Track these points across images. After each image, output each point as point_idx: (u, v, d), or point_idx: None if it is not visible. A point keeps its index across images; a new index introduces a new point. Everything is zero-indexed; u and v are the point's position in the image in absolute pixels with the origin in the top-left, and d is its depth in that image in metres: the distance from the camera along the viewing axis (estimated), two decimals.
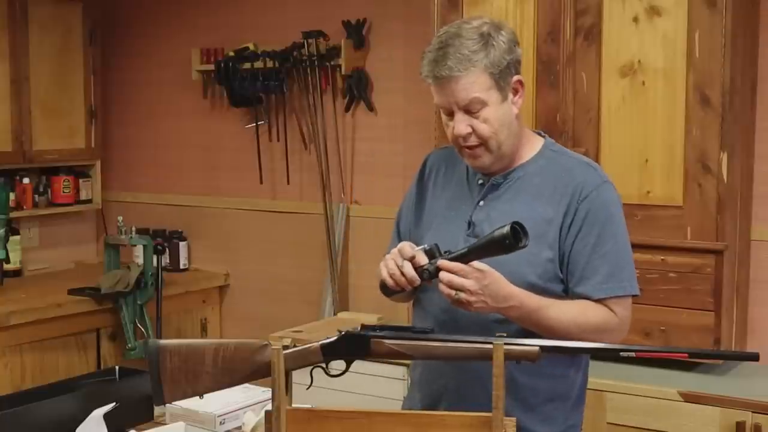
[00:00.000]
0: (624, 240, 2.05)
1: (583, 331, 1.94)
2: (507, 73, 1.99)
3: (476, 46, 1.95)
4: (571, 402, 2.09)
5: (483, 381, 1.97)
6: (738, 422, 2.86)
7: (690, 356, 1.81)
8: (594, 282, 1.98)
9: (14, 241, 4.62)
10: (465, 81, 1.95)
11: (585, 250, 1.99)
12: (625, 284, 2.02)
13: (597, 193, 2.01)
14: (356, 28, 4.29)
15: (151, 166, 5.13)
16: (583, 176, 2.03)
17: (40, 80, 4.64)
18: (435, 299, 2.01)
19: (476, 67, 1.94)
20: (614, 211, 2.04)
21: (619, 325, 2.01)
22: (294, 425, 1.72)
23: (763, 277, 3.42)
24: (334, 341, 1.83)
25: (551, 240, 1.99)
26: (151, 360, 1.83)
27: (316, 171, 4.46)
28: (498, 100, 1.98)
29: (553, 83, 3.27)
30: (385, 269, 1.94)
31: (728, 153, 3.05)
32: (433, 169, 2.20)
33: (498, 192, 2.06)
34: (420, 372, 2.15)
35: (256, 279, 4.76)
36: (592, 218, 1.99)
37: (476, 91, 1.95)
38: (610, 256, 2.00)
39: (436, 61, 1.96)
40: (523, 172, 2.07)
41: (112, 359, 4.29)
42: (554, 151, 2.11)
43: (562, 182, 2.03)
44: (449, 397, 2.04)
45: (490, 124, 1.98)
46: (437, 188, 2.17)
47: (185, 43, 4.82)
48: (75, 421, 2.40)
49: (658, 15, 3.10)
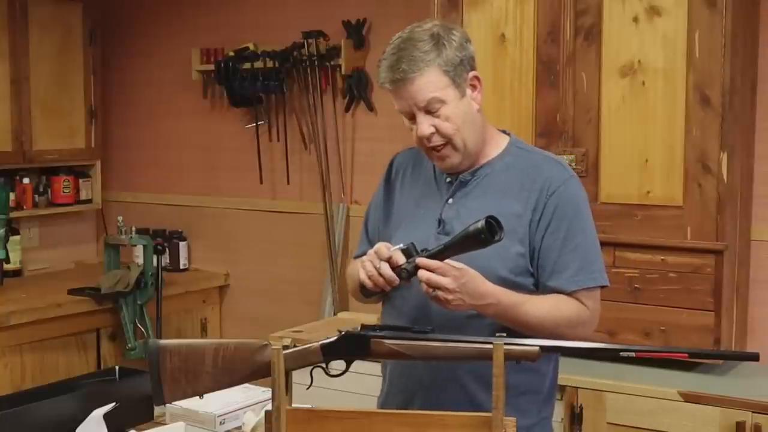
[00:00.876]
0: (592, 233, 2.08)
1: (558, 325, 1.99)
2: (461, 69, 2.02)
3: (428, 47, 1.99)
4: (543, 395, 2.12)
5: (457, 378, 2.02)
6: (738, 422, 2.86)
7: (690, 356, 1.81)
8: (566, 275, 2.02)
9: (14, 241, 4.62)
10: (420, 81, 1.98)
11: (555, 244, 2.02)
12: (596, 275, 2.05)
13: (565, 187, 2.05)
14: (356, 28, 4.29)
15: (151, 166, 5.13)
16: (550, 171, 2.07)
17: (40, 80, 4.65)
18: (408, 296, 2.04)
19: (430, 67, 1.98)
20: (582, 206, 2.08)
21: (590, 317, 2.05)
22: (294, 425, 1.72)
23: (763, 277, 3.42)
24: (334, 341, 1.83)
25: (521, 235, 2.02)
26: (151, 360, 1.83)
27: (316, 171, 4.46)
28: (456, 97, 2.02)
29: (553, 83, 3.27)
30: (363, 272, 1.95)
31: (728, 153, 3.05)
32: (399, 169, 2.23)
33: (466, 189, 2.09)
34: (391, 370, 2.16)
35: (256, 279, 4.76)
36: (560, 213, 2.03)
37: (433, 90, 1.99)
38: (581, 250, 2.03)
39: (391, 67, 2.00)
40: (490, 169, 2.10)
41: (112, 359, 4.29)
42: (520, 148, 2.14)
43: (529, 178, 2.06)
44: (423, 395, 2.05)
45: (452, 122, 2.01)
46: (405, 187, 2.20)
47: (185, 43, 4.82)
48: (75, 421, 2.40)
49: (658, 15, 3.10)
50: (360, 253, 2.25)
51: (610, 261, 3.19)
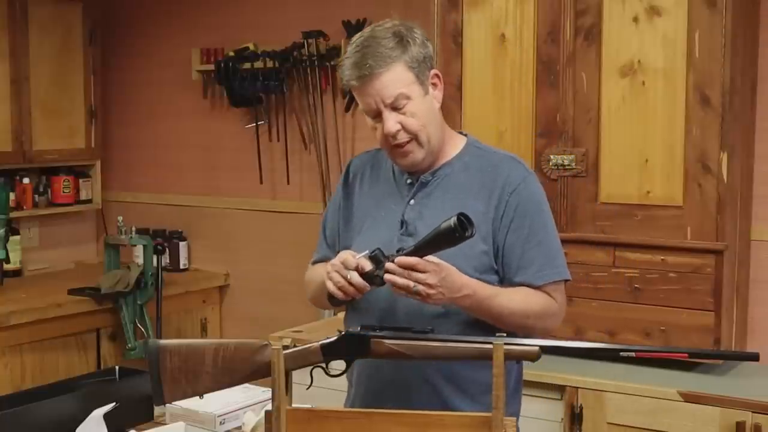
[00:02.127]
0: (553, 229, 2.12)
1: (528, 317, 2.02)
2: (424, 67, 2.05)
3: (392, 44, 2.02)
4: (510, 390, 2.10)
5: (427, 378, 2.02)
6: (738, 422, 2.86)
7: (690, 356, 1.81)
8: (532, 270, 2.05)
9: (14, 241, 4.62)
10: (387, 77, 2.00)
11: (519, 241, 2.05)
12: (560, 269, 2.09)
13: (524, 185, 2.08)
14: (356, 28, 4.28)
15: (151, 166, 5.13)
16: (509, 170, 2.09)
17: (40, 80, 4.65)
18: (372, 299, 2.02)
19: (396, 63, 2.00)
20: (542, 203, 2.11)
21: (558, 310, 2.09)
22: (294, 425, 1.72)
23: (763, 277, 3.42)
24: (334, 341, 1.83)
25: (484, 233, 2.04)
26: (151, 360, 1.83)
27: (316, 171, 4.46)
28: (420, 94, 2.04)
29: (553, 83, 3.27)
30: (331, 283, 1.94)
31: (728, 153, 3.04)
32: (357, 173, 2.24)
33: (427, 189, 2.10)
34: (358, 372, 2.13)
35: (256, 279, 4.76)
36: (522, 210, 2.06)
37: (400, 86, 2.00)
38: (544, 246, 2.07)
39: (356, 64, 2.02)
40: (450, 170, 2.11)
41: (112, 359, 4.29)
42: (478, 148, 2.16)
43: (489, 177, 2.08)
44: (394, 396, 2.03)
45: (417, 118, 2.03)
46: (364, 189, 2.20)
47: (185, 43, 4.82)
48: (75, 421, 2.40)
49: (658, 15, 3.09)
50: (318, 259, 2.28)
51: (610, 261, 3.19)
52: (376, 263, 1.90)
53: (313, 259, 2.32)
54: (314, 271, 2.26)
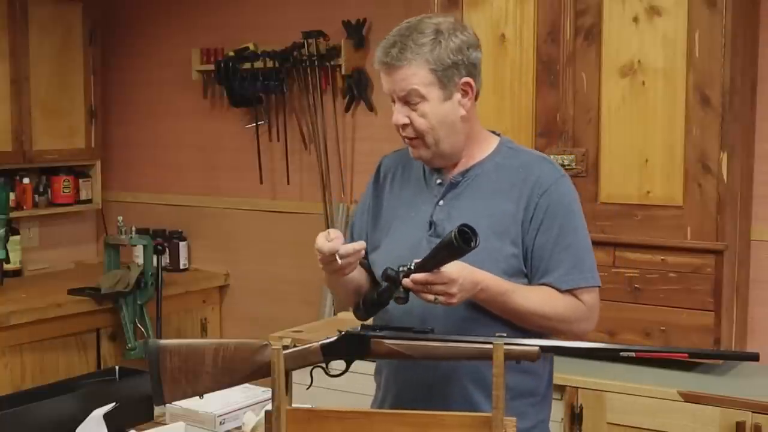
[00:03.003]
0: (584, 233, 2.07)
1: (549, 318, 1.98)
2: (453, 72, 1.99)
3: (425, 40, 1.98)
4: (540, 397, 2.11)
5: (458, 381, 2.00)
6: (738, 422, 2.86)
7: (690, 356, 1.81)
8: (558, 274, 2.01)
9: (14, 241, 4.62)
10: (404, 71, 1.98)
11: (548, 243, 2.01)
12: (587, 275, 2.04)
13: (555, 186, 2.04)
14: (356, 28, 4.29)
15: (151, 166, 5.13)
16: (540, 170, 2.06)
17: (40, 80, 4.64)
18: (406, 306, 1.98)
19: (417, 60, 1.97)
20: (573, 205, 2.07)
21: (587, 314, 2.04)
22: (294, 425, 1.72)
23: (763, 277, 3.42)
24: (334, 341, 1.83)
25: (514, 235, 2.01)
26: (151, 360, 1.83)
27: (316, 171, 4.46)
28: (439, 98, 2.00)
29: (553, 83, 3.27)
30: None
31: (728, 153, 3.05)
32: (388, 172, 2.22)
33: (457, 190, 2.08)
34: (386, 376, 2.13)
35: (256, 279, 4.76)
36: (552, 212, 2.02)
37: (415, 83, 1.98)
38: (572, 249, 2.02)
39: (384, 48, 2.00)
40: (480, 170, 2.09)
41: (112, 359, 4.29)
42: (510, 148, 2.13)
43: (519, 177, 2.05)
44: (423, 399, 2.02)
45: (427, 119, 2.00)
46: (394, 190, 2.18)
47: (185, 43, 4.82)
48: (75, 421, 2.40)
49: (658, 15, 3.09)
50: None
51: (610, 261, 3.19)
52: (392, 281, 1.88)
53: None
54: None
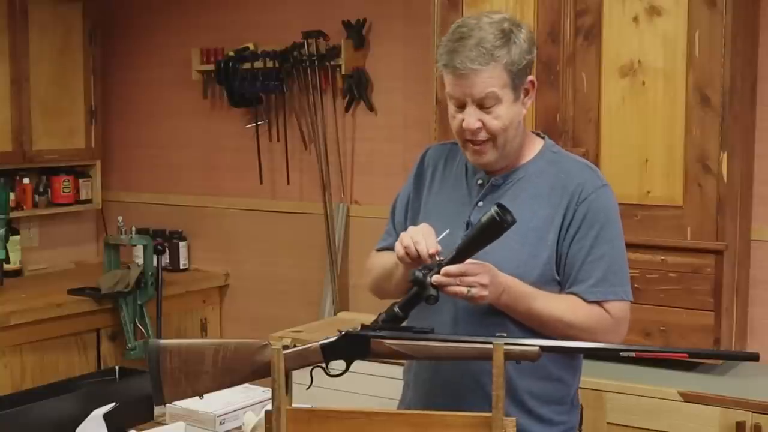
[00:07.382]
0: (620, 245, 2.04)
1: (572, 327, 1.95)
2: (524, 73, 1.98)
3: (498, 42, 1.94)
4: (568, 405, 2.09)
5: (479, 381, 1.98)
6: (738, 422, 2.86)
7: (690, 356, 1.81)
8: (587, 284, 1.98)
9: (14, 241, 4.61)
10: (485, 75, 1.93)
11: (580, 253, 1.98)
12: (617, 289, 2.00)
13: (596, 195, 2.01)
14: (356, 28, 4.28)
15: (151, 166, 5.13)
16: (582, 178, 2.03)
17: (40, 80, 4.64)
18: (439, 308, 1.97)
19: (497, 63, 1.94)
20: (612, 215, 2.03)
21: (613, 326, 2.00)
22: (294, 425, 1.72)
23: (763, 277, 3.42)
24: (334, 341, 1.83)
25: (550, 241, 1.99)
26: (151, 360, 1.83)
27: (316, 171, 4.46)
28: (511, 99, 1.98)
29: (553, 83, 3.27)
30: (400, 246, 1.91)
31: (728, 153, 3.05)
32: (430, 164, 2.19)
33: (498, 193, 2.05)
34: (414, 373, 2.13)
35: (256, 279, 4.76)
36: (589, 220, 1.99)
37: (494, 86, 1.94)
38: (605, 260, 1.99)
39: (456, 51, 1.94)
40: (524, 173, 2.06)
41: (112, 359, 4.29)
42: (554, 153, 2.11)
43: (560, 183, 2.03)
44: (445, 397, 2.02)
45: (501, 121, 1.97)
46: (434, 185, 2.16)
47: (185, 43, 4.82)
48: (75, 421, 2.40)
49: (658, 15, 3.10)
50: (384, 246, 2.20)
51: None
52: (419, 285, 1.87)
53: (378, 245, 2.24)
54: (379, 258, 2.19)
